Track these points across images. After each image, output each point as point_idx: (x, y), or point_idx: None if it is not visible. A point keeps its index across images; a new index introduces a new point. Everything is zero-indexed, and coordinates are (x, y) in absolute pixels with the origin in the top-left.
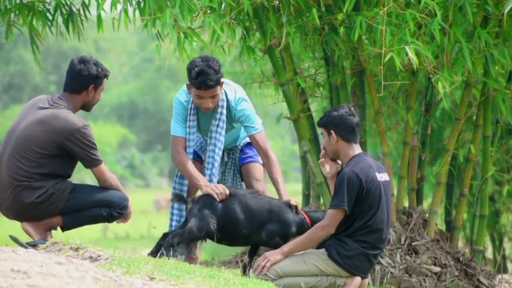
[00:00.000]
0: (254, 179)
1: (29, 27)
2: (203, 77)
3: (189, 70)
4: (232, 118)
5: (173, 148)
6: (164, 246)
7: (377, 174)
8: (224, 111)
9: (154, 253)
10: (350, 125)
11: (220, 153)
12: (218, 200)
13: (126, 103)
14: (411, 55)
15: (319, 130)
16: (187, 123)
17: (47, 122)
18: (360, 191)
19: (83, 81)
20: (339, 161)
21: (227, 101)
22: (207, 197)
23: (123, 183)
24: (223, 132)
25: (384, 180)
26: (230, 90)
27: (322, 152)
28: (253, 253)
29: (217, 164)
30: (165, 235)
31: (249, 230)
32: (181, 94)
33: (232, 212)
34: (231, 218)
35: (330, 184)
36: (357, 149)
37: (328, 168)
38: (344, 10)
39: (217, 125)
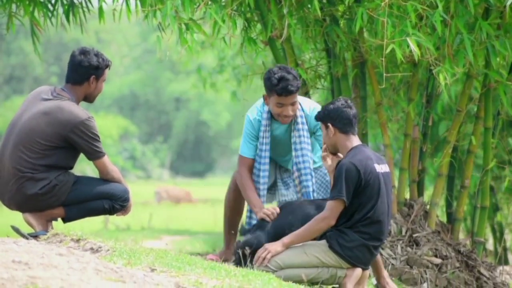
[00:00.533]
0: None
1: (30, 18)
2: (284, 83)
3: (268, 78)
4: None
5: (238, 169)
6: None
7: (376, 165)
8: (304, 121)
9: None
10: (346, 117)
11: (311, 163)
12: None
13: (127, 95)
14: (413, 46)
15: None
16: (262, 140)
17: (51, 114)
18: (359, 183)
19: (84, 72)
20: (340, 155)
21: (303, 111)
22: (262, 221)
23: (124, 175)
24: (309, 141)
25: (383, 171)
26: (304, 100)
27: (323, 146)
28: None
29: (310, 174)
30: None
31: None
32: (252, 111)
33: (282, 220)
34: (283, 226)
35: (331, 177)
36: (355, 140)
37: (329, 162)
38: (346, 2)
39: (300, 136)
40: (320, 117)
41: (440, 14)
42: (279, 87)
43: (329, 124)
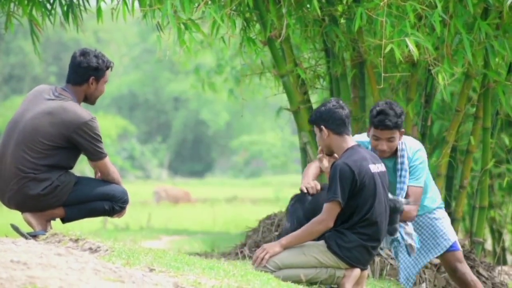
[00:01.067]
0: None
1: (29, 17)
2: (382, 117)
3: (371, 109)
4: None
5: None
6: None
7: (371, 165)
8: (406, 161)
9: None
10: (339, 118)
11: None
12: (309, 193)
13: (126, 95)
14: (412, 46)
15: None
16: None
17: (55, 114)
18: (354, 184)
19: (83, 73)
20: (336, 155)
21: (406, 150)
22: (301, 193)
23: (123, 175)
24: (405, 180)
25: (380, 171)
26: (411, 140)
27: (320, 148)
28: None
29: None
30: None
31: None
32: (361, 135)
33: (318, 203)
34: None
35: (328, 178)
36: (350, 141)
37: (326, 163)
38: (345, 1)
39: (401, 175)
40: (312, 120)
41: (439, 14)
42: (376, 119)
43: (322, 126)
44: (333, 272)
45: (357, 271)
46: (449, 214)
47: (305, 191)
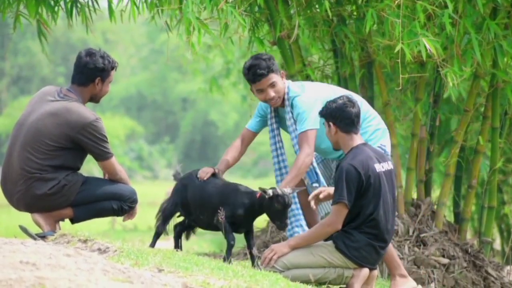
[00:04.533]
0: None
1: (37, 17)
2: (253, 69)
3: (242, 72)
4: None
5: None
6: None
7: (377, 165)
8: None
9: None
10: (348, 117)
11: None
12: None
13: (134, 95)
14: (429, 46)
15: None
16: (270, 126)
17: (59, 115)
18: (360, 184)
19: (89, 74)
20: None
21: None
22: (191, 172)
23: (131, 175)
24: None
25: (385, 169)
26: (297, 86)
27: (313, 193)
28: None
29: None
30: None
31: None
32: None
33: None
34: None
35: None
36: (357, 140)
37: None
38: (359, 1)
39: (290, 118)
40: (322, 114)
41: (450, 14)
42: (250, 75)
43: (331, 123)
44: (342, 272)
45: (365, 271)
46: (458, 214)
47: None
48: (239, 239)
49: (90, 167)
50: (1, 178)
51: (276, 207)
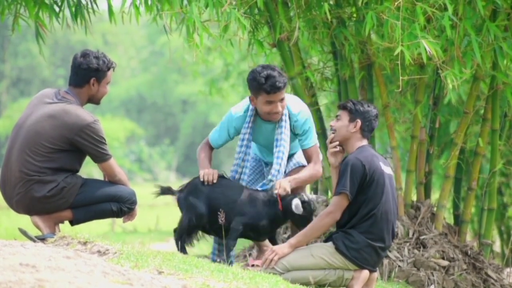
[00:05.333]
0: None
1: (35, 19)
2: (272, 80)
3: (254, 78)
4: (292, 129)
5: (200, 145)
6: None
7: (381, 163)
8: (287, 119)
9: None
10: (373, 127)
11: (285, 161)
12: (205, 182)
13: (134, 97)
14: (429, 48)
15: (327, 122)
16: (243, 136)
17: (57, 117)
18: (364, 178)
19: (83, 74)
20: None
21: (289, 110)
22: (193, 182)
23: (131, 177)
24: (288, 140)
25: (388, 173)
26: (291, 100)
27: (330, 136)
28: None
29: (282, 170)
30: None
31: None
32: (237, 107)
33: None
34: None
35: (333, 173)
36: (364, 142)
37: (340, 159)
38: (360, 2)
39: (281, 133)
40: (352, 109)
41: (450, 16)
42: (267, 85)
43: (359, 121)
44: (342, 274)
45: (365, 272)
46: (458, 216)
47: (205, 178)
48: (239, 240)
49: (90, 169)
50: (0, 180)
51: (302, 214)
